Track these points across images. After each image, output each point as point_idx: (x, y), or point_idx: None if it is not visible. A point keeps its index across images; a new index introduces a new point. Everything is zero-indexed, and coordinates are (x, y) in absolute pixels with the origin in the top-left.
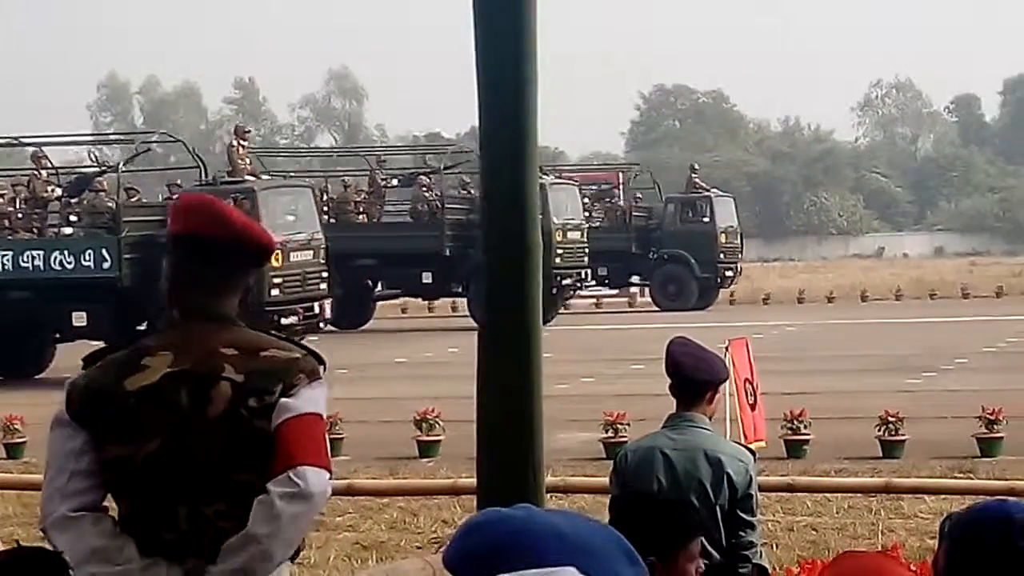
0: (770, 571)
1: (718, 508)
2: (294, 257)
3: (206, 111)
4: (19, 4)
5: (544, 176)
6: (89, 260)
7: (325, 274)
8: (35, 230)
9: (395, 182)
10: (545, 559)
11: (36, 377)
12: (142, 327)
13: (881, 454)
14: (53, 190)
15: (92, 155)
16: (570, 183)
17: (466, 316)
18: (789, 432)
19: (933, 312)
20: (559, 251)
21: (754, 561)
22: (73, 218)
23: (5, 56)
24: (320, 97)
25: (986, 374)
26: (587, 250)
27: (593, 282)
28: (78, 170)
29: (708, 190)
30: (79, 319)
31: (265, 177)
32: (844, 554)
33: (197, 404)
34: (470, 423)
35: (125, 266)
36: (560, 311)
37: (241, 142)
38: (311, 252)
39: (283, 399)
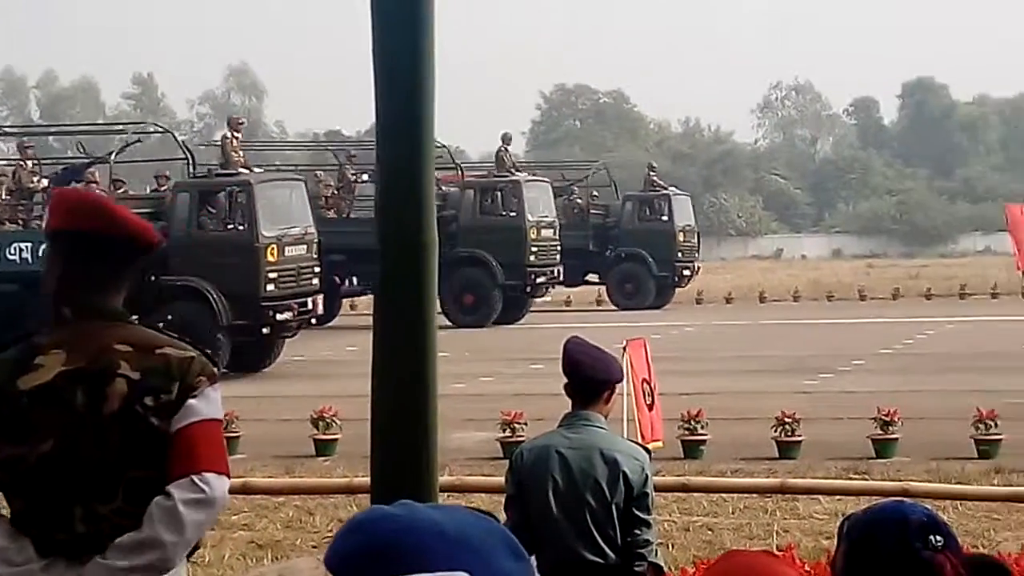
0: (665, 570)
1: (614, 507)
2: (289, 252)
3: (104, 106)
4: None
5: (518, 173)
6: None
7: (318, 269)
8: (20, 222)
9: (365, 177)
10: (426, 556)
11: None
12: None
13: (777, 455)
14: (39, 181)
15: (80, 146)
16: (543, 180)
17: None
18: (686, 432)
19: (830, 314)
20: (533, 249)
21: (649, 560)
22: None
23: None
24: (219, 93)
25: (882, 376)
26: (560, 248)
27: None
28: (64, 161)
29: (666, 188)
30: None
31: (257, 170)
32: (732, 552)
33: (92, 402)
34: (367, 422)
35: None
36: (530, 309)
37: (235, 134)
38: (305, 247)
39: (188, 401)
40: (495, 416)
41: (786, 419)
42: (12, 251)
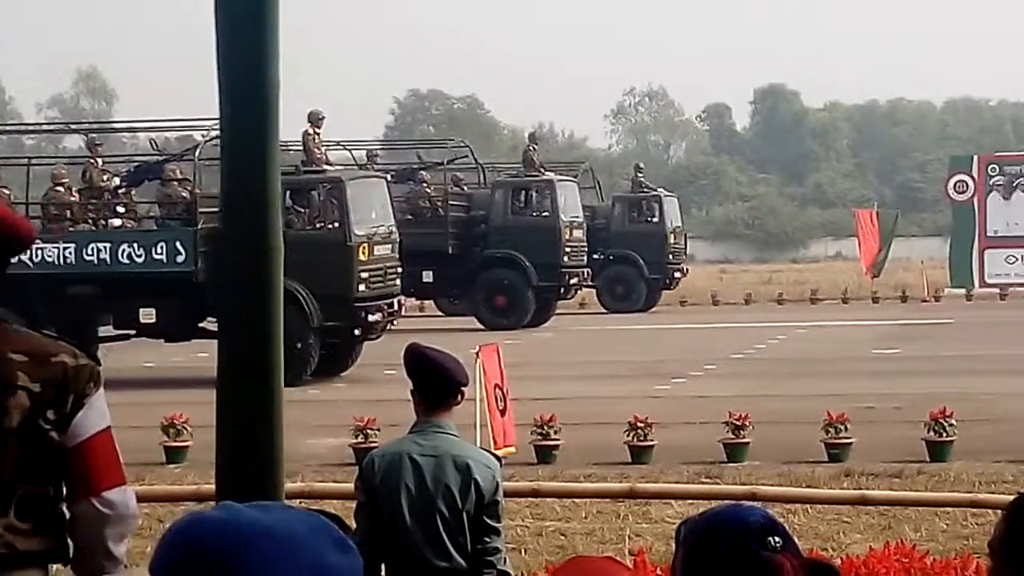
0: None
1: (464, 514)
2: (378, 251)
3: None
4: None
5: (549, 172)
6: (161, 253)
7: (400, 269)
8: (90, 221)
9: (389, 177)
10: (252, 556)
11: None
12: (211, 323)
13: (630, 459)
14: (110, 179)
15: (154, 143)
16: (572, 179)
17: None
18: (539, 438)
19: (683, 319)
20: (567, 249)
21: (499, 567)
22: (145, 209)
23: None
24: (68, 98)
25: (734, 380)
26: (587, 249)
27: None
28: (136, 158)
29: (654, 190)
30: (147, 316)
31: (338, 167)
32: (577, 558)
33: None
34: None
35: (201, 260)
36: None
37: (316, 129)
38: (390, 246)
39: (81, 412)
40: (348, 422)
41: (639, 424)
42: (90, 251)
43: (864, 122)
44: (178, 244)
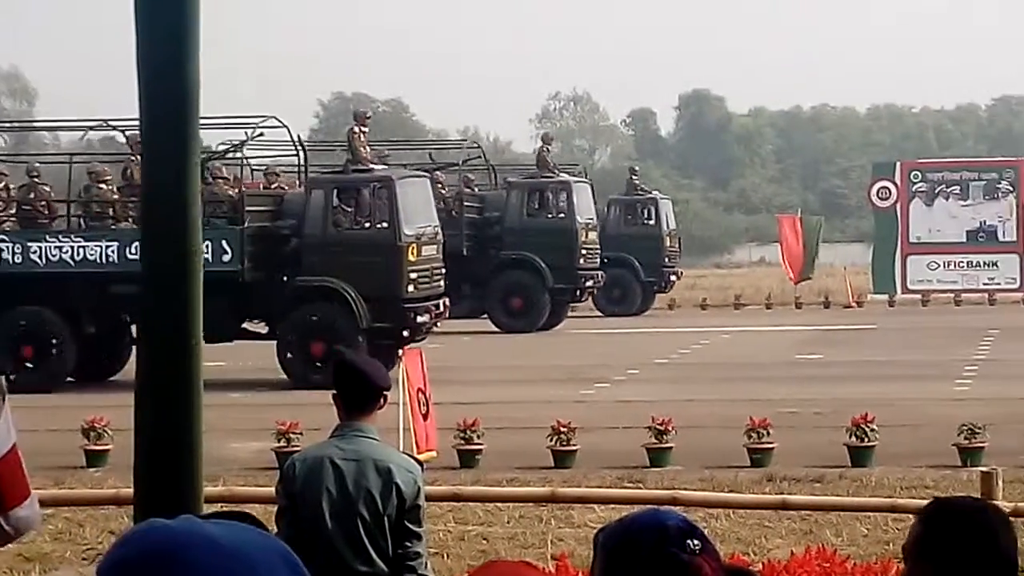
0: None
1: (386, 518)
2: (425, 251)
3: None
4: None
5: (563, 174)
6: (207, 252)
7: (444, 270)
8: (131, 219)
9: None
10: (200, 570)
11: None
12: (256, 324)
13: (553, 464)
14: None
15: None
16: (586, 181)
17: None
18: (462, 442)
19: (607, 324)
20: (583, 252)
21: (419, 572)
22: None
23: None
24: None
25: (657, 385)
26: (599, 251)
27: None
28: None
29: (649, 192)
30: None
31: (383, 166)
32: (491, 562)
33: None
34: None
35: (247, 259)
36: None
37: (361, 128)
38: (435, 247)
39: None
40: (271, 426)
41: (562, 428)
42: (133, 250)
43: (788, 128)
44: (224, 243)
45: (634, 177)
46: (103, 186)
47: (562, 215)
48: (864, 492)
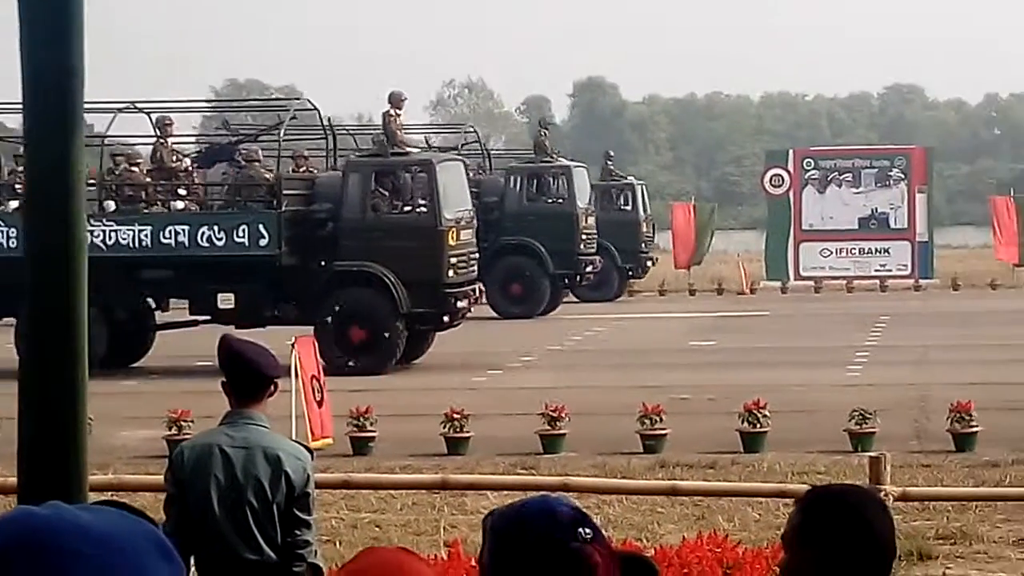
0: (325, 570)
1: (275, 506)
2: (463, 236)
3: None
4: None
5: (562, 159)
6: (243, 236)
7: (478, 255)
8: (160, 203)
9: None
10: (69, 557)
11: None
12: (287, 310)
13: (447, 451)
14: (180, 160)
15: (224, 124)
16: (583, 165)
17: None
18: (355, 429)
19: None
20: (582, 237)
21: (309, 560)
22: (217, 191)
23: None
24: None
25: (551, 372)
26: (596, 237)
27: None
28: (205, 138)
29: (624, 178)
30: (225, 301)
31: (415, 149)
32: (368, 549)
33: None
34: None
35: (284, 243)
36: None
37: (397, 111)
38: (471, 231)
39: None
40: (162, 414)
41: (454, 415)
42: (166, 234)
43: (682, 116)
44: (261, 227)
45: (609, 163)
46: (135, 169)
47: (562, 200)
48: (756, 478)
